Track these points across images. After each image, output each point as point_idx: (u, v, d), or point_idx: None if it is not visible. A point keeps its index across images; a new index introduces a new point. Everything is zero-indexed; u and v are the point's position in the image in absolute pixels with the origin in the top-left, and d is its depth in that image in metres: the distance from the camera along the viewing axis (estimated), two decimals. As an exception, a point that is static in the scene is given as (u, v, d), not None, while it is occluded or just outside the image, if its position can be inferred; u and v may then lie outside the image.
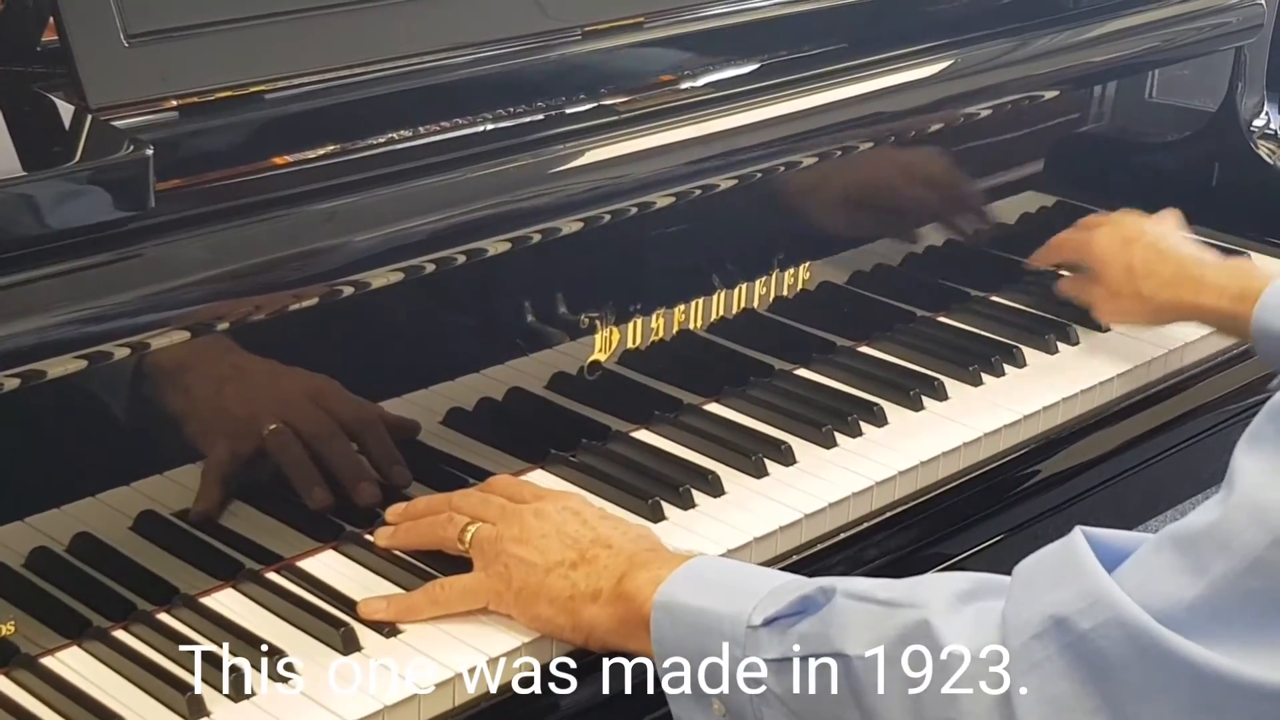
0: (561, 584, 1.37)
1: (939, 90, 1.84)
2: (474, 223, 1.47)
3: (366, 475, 1.50)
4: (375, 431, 1.51)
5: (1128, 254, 1.87)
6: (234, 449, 1.43)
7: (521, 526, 1.41)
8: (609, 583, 1.35)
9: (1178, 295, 1.83)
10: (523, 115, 1.55)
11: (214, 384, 1.41)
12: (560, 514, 1.43)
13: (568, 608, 1.36)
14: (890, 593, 1.21)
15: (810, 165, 1.72)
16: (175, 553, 1.41)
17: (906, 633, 1.17)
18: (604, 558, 1.38)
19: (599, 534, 1.41)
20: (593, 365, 1.65)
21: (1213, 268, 1.85)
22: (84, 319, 1.25)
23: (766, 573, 1.36)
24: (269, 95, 1.41)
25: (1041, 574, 1.13)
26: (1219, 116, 2.26)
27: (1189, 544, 1.07)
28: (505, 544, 1.40)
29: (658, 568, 1.34)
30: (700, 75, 1.69)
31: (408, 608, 1.40)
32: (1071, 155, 2.16)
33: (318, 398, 1.47)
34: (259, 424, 1.43)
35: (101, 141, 1.29)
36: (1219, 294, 1.81)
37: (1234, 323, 1.81)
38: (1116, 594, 1.07)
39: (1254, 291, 1.77)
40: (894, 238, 1.95)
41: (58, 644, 1.34)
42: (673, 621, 1.29)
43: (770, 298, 1.79)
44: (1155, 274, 1.85)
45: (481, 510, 1.45)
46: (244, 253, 1.33)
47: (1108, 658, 1.07)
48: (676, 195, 1.61)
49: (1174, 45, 2.13)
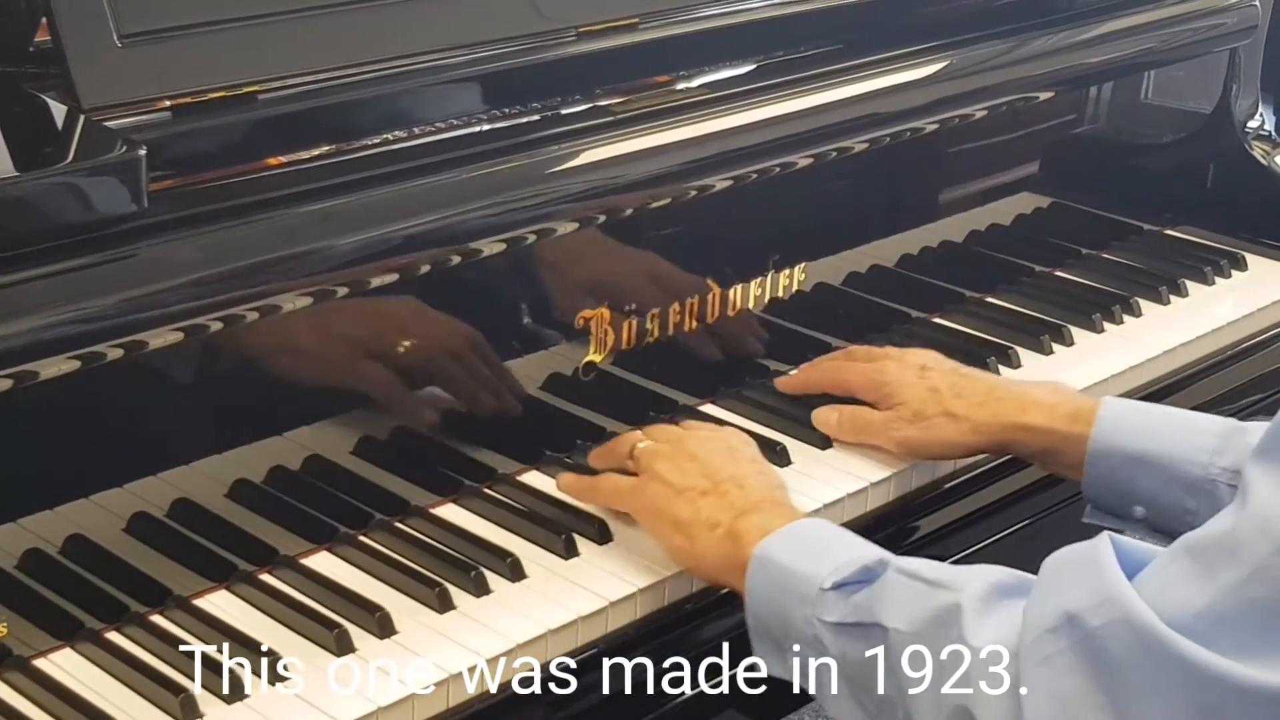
0: (687, 508, 1.45)
1: (935, 91, 1.84)
2: (469, 223, 1.46)
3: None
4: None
5: (927, 379, 1.66)
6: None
7: (677, 447, 1.52)
8: (728, 518, 1.42)
9: (998, 413, 1.61)
10: (518, 116, 1.55)
11: (207, 385, 1.41)
12: (713, 444, 1.53)
13: (687, 531, 1.44)
14: (936, 573, 1.27)
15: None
16: (168, 554, 1.40)
17: (939, 613, 1.23)
18: (733, 494, 1.45)
19: (738, 471, 1.48)
20: (588, 366, 1.64)
21: (1033, 387, 1.66)
22: (77, 320, 1.24)
23: (856, 543, 1.39)
24: (263, 96, 1.41)
25: (1062, 571, 1.17)
26: (1214, 118, 2.26)
27: (1201, 552, 1.10)
28: (656, 460, 1.50)
29: (772, 517, 1.40)
30: (695, 76, 1.69)
31: (579, 488, 1.55)
32: (1067, 156, 2.16)
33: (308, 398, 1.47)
34: (250, 427, 1.43)
35: (94, 142, 1.28)
36: (1049, 413, 1.59)
37: (1064, 443, 1.58)
38: (1128, 595, 1.10)
39: (1088, 411, 1.57)
40: (889, 239, 1.95)
41: (50, 646, 1.33)
42: (765, 575, 1.36)
43: (765, 299, 1.79)
44: (966, 393, 1.63)
45: (659, 431, 1.57)
46: (238, 253, 1.33)
47: (1114, 656, 1.10)
48: (672, 196, 1.61)
49: (1169, 46, 2.13)
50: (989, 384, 1.66)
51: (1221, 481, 1.49)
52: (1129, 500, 1.54)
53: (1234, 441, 1.51)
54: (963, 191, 2.05)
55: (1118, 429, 1.56)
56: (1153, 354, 1.92)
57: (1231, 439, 1.51)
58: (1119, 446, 1.55)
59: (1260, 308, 2.06)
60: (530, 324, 1.61)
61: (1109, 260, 2.16)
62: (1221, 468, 1.50)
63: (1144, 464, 1.53)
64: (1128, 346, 1.93)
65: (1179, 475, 1.52)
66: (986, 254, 2.06)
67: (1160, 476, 1.52)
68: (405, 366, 1.52)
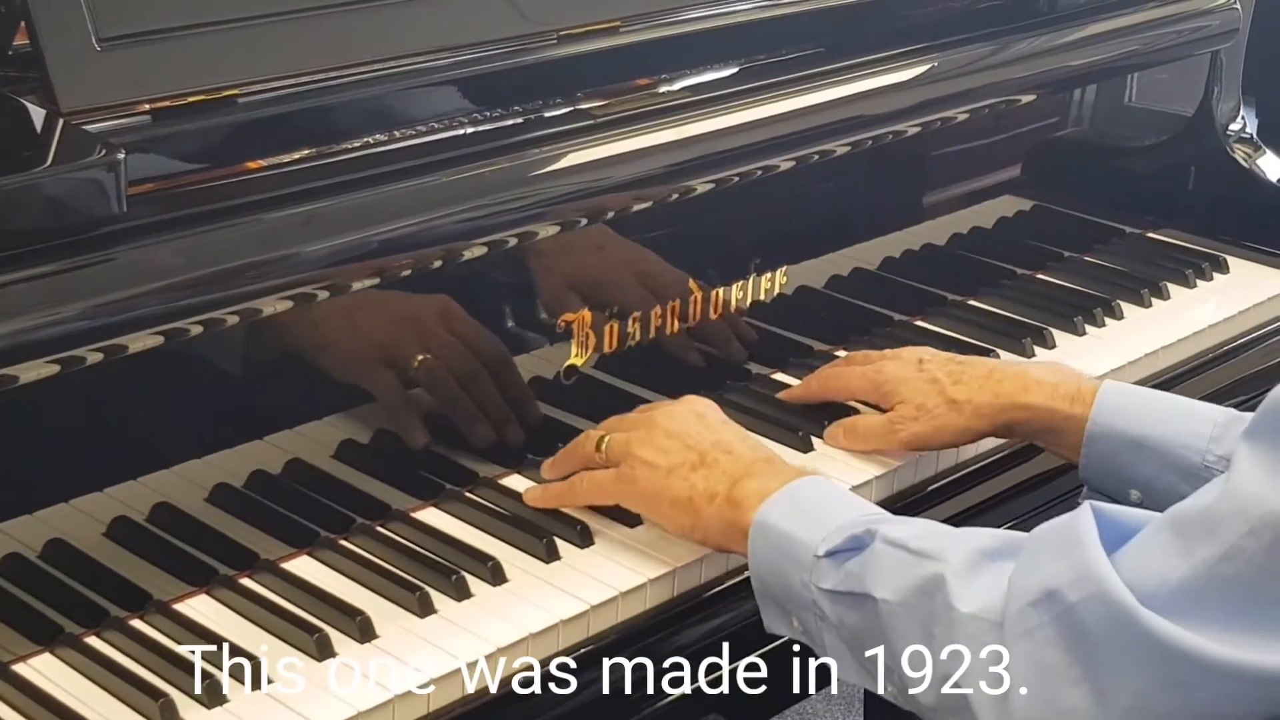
0: (682, 485, 1.46)
1: (918, 94, 1.84)
2: (450, 227, 1.46)
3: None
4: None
5: (925, 371, 1.65)
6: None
7: (649, 429, 1.51)
8: (724, 487, 1.44)
9: (999, 394, 1.61)
10: (500, 119, 1.55)
11: (186, 389, 1.41)
12: (684, 416, 1.52)
13: (688, 508, 1.45)
14: (921, 543, 1.29)
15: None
16: (149, 559, 1.40)
17: (925, 584, 1.25)
18: (723, 462, 1.46)
19: (720, 438, 1.49)
20: (569, 370, 1.64)
21: (1034, 366, 1.67)
22: (56, 323, 1.24)
23: (850, 502, 1.41)
24: (242, 99, 1.41)
25: (1047, 544, 1.20)
26: (1196, 121, 2.27)
27: (1183, 526, 1.14)
28: (633, 446, 1.50)
29: (767, 479, 1.42)
30: (678, 79, 1.69)
31: (554, 495, 1.54)
32: (1050, 159, 2.17)
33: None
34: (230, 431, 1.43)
35: (73, 145, 1.28)
36: (1050, 393, 1.60)
37: (1064, 423, 1.58)
38: (1105, 570, 1.14)
39: (1088, 393, 1.58)
40: (870, 242, 1.95)
41: (30, 650, 1.33)
42: (765, 541, 1.38)
43: (747, 302, 1.79)
44: (965, 378, 1.63)
45: (616, 423, 1.56)
46: (217, 257, 1.33)
47: (1090, 631, 1.14)
48: (654, 199, 1.61)
49: (1152, 49, 2.13)
50: (988, 367, 1.66)
51: (1217, 470, 1.49)
52: (1125, 484, 1.55)
53: (1232, 430, 1.51)
54: (945, 194, 2.05)
55: (1116, 412, 1.56)
56: (1134, 356, 1.92)
57: (1230, 428, 1.52)
58: (1117, 430, 1.55)
59: (1242, 310, 2.06)
60: (512, 327, 1.61)
61: (1091, 263, 2.17)
62: (1218, 455, 1.51)
63: (1141, 448, 1.54)
64: (1109, 349, 1.94)
65: (1175, 461, 1.53)
66: (969, 257, 2.07)
67: (1157, 461, 1.53)
68: (386, 370, 1.51)
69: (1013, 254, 2.10)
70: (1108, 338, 1.97)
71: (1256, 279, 2.15)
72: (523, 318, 1.61)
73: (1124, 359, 1.91)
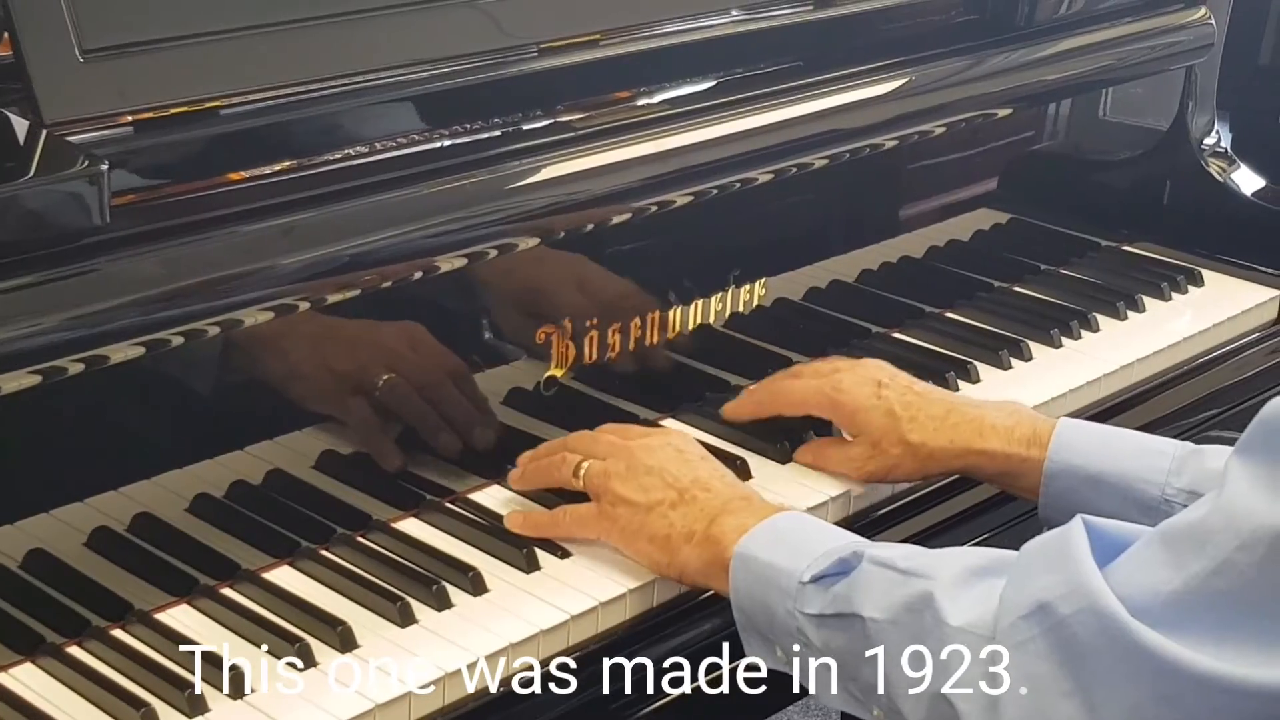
0: (660, 523, 1.46)
1: (894, 108, 1.86)
2: (430, 239, 1.47)
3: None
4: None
5: (883, 399, 1.62)
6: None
7: (628, 464, 1.50)
8: (702, 525, 1.44)
9: (955, 439, 1.59)
10: (479, 131, 1.56)
11: (167, 400, 1.41)
12: (664, 450, 1.52)
13: (666, 546, 1.45)
14: (909, 562, 1.30)
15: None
16: (130, 569, 1.40)
17: (913, 601, 1.26)
18: (701, 499, 1.47)
19: (699, 475, 1.49)
20: (549, 381, 1.65)
21: (989, 409, 1.63)
22: (38, 334, 1.24)
23: (831, 532, 1.42)
24: (224, 111, 1.41)
25: (1038, 558, 1.21)
26: (1170, 135, 2.28)
27: (1175, 540, 1.14)
28: (612, 481, 1.49)
29: (746, 516, 1.42)
30: (656, 92, 1.70)
31: (538, 524, 1.52)
32: (1026, 173, 2.18)
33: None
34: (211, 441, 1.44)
35: (56, 156, 1.28)
36: (1006, 437, 1.58)
37: (1021, 466, 1.58)
38: (1096, 584, 1.14)
39: (1044, 434, 1.57)
40: (848, 255, 1.96)
41: (11, 661, 1.33)
42: (746, 572, 1.38)
43: (726, 314, 1.80)
44: (923, 418, 1.61)
45: (591, 447, 1.54)
46: (199, 268, 1.33)
47: (1082, 644, 1.14)
48: (632, 211, 1.62)
49: (1127, 64, 2.15)
50: (945, 406, 1.63)
51: (1177, 503, 1.49)
52: None
53: (1189, 463, 1.52)
54: (922, 207, 2.06)
55: (1074, 450, 1.56)
56: (1110, 369, 1.93)
57: (1187, 461, 1.52)
58: (1075, 467, 1.55)
59: (1216, 323, 2.07)
60: (491, 339, 1.62)
61: (1067, 276, 2.18)
62: (1177, 488, 1.51)
63: (1100, 485, 1.54)
64: (1085, 362, 1.95)
65: (1135, 496, 1.52)
66: (946, 269, 2.08)
67: (1116, 498, 1.52)
68: (367, 381, 1.52)
69: (989, 267, 2.11)
70: (1084, 350, 1.98)
71: (1231, 292, 2.16)
72: (501, 329, 1.61)
73: (1100, 371, 1.92)
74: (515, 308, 1.62)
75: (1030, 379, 1.90)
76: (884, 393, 1.63)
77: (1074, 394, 1.88)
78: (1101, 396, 1.91)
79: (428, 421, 1.56)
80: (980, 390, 1.86)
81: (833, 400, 1.65)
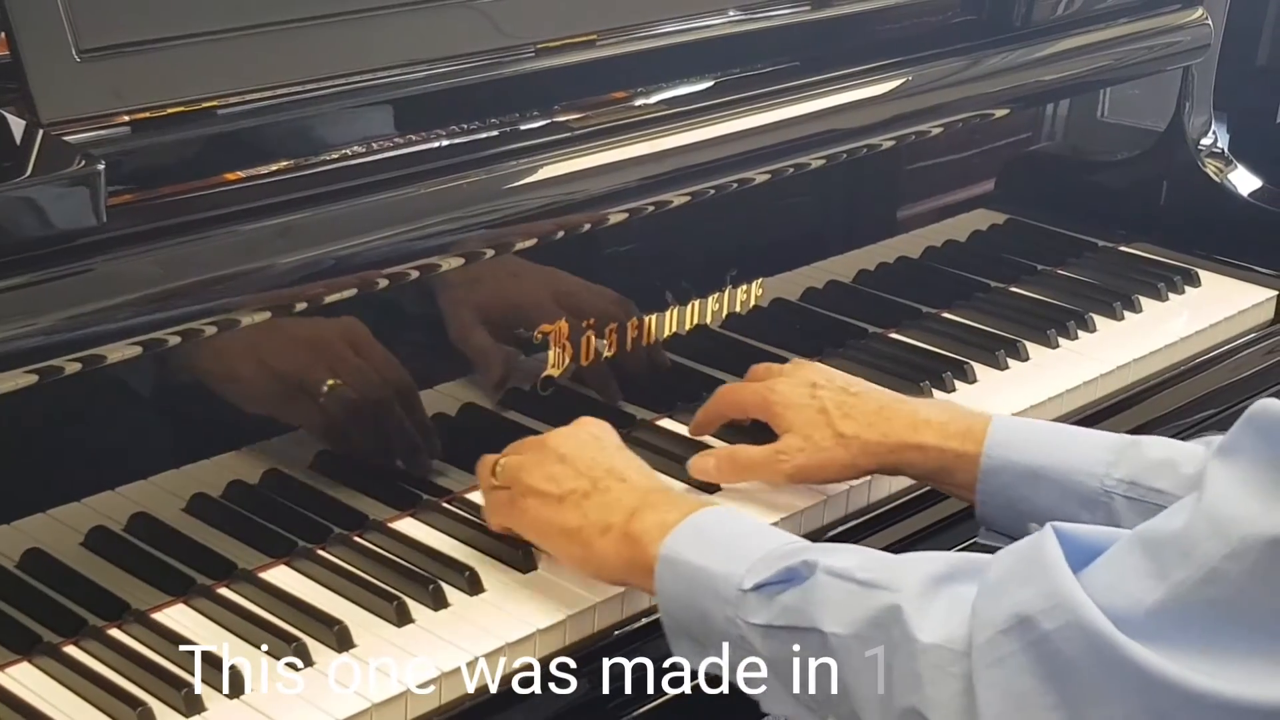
0: (573, 514, 1.42)
1: (891, 108, 1.86)
2: (427, 239, 1.47)
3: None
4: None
5: (816, 398, 1.60)
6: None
7: (541, 453, 1.46)
8: (619, 518, 1.39)
9: (889, 433, 1.57)
10: (476, 131, 1.56)
11: (165, 399, 1.41)
12: (578, 438, 1.48)
13: (579, 538, 1.41)
14: (868, 573, 1.25)
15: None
16: (127, 568, 1.40)
17: (878, 615, 1.21)
18: (616, 490, 1.42)
19: (614, 464, 1.45)
20: (546, 381, 1.65)
21: (922, 405, 1.61)
22: (35, 334, 1.24)
23: (765, 532, 1.38)
24: (221, 110, 1.41)
25: (1012, 569, 1.17)
26: (1167, 135, 2.28)
27: (1156, 547, 1.11)
28: (523, 473, 1.45)
29: (666, 511, 1.38)
30: (653, 92, 1.70)
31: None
32: (1023, 173, 2.18)
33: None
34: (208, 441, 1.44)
35: (53, 156, 1.28)
36: (940, 431, 1.55)
37: (956, 461, 1.54)
38: (1079, 597, 1.11)
39: (979, 430, 1.53)
40: (845, 255, 1.96)
41: (8, 660, 1.33)
42: (675, 576, 1.34)
43: (724, 314, 1.80)
44: (855, 413, 1.58)
45: (514, 446, 1.51)
46: (196, 268, 1.33)
47: (1067, 659, 1.10)
48: (630, 211, 1.62)
49: (1124, 65, 2.15)
50: (879, 403, 1.60)
51: (1117, 494, 1.47)
52: (1023, 518, 1.47)
53: (1128, 455, 1.48)
54: (919, 208, 2.06)
55: (1010, 445, 1.52)
56: (1107, 369, 1.93)
57: (1125, 452, 1.49)
58: (1012, 462, 1.51)
59: (1213, 323, 2.08)
60: (489, 339, 1.62)
61: (1064, 276, 2.18)
62: (1117, 479, 1.47)
63: (1038, 479, 1.50)
64: (1082, 362, 1.95)
65: (1074, 489, 1.49)
66: (943, 270, 2.08)
67: (1055, 491, 1.49)
68: (363, 380, 1.52)
69: (986, 267, 2.12)
70: (1081, 350, 1.98)
71: (1228, 292, 2.16)
72: (499, 329, 1.61)
73: (1096, 371, 1.92)
74: (512, 308, 1.62)
75: (1027, 379, 1.90)
76: (818, 392, 1.61)
77: (1070, 394, 1.88)
78: (1098, 397, 1.91)
79: (414, 425, 1.56)
80: (978, 390, 1.86)
81: (766, 400, 1.63)
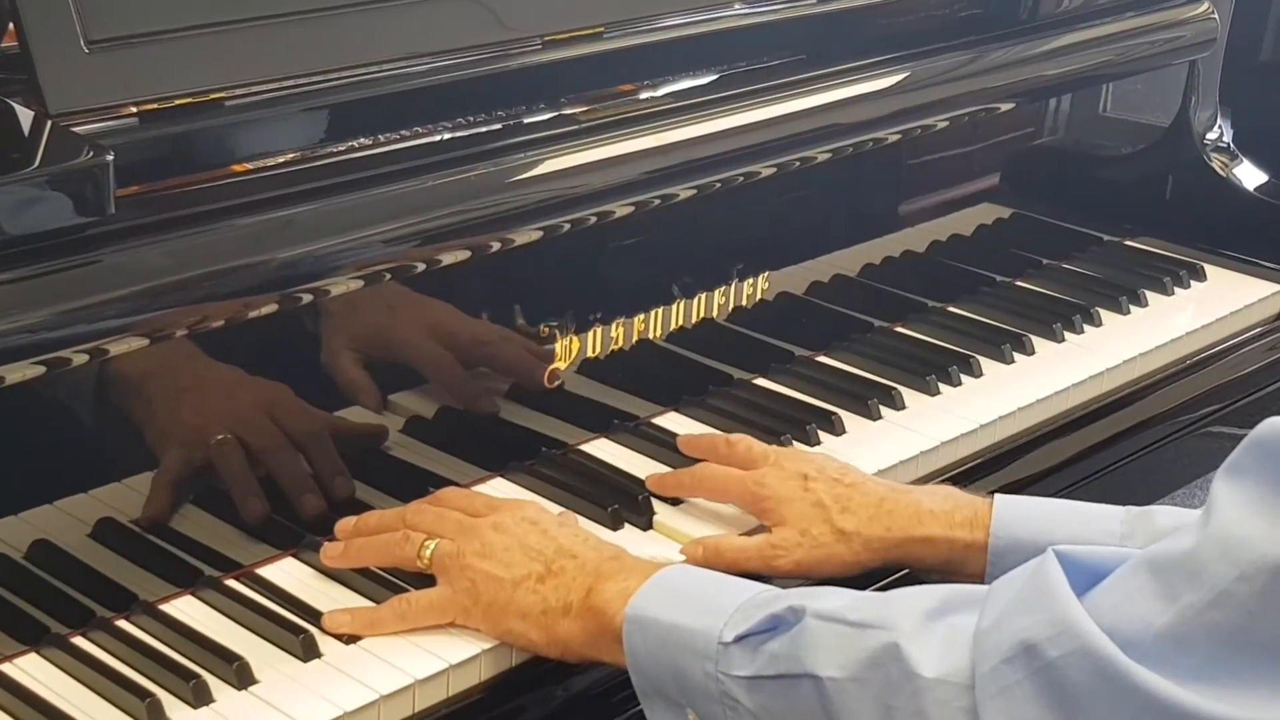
0: (531, 598, 1.36)
1: (896, 102, 1.85)
2: (433, 231, 1.47)
3: (312, 486, 1.50)
4: (324, 442, 1.50)
5: (810, 490, 1.51)
6: (187, 457, 1.43)
7: (482, 541, 1.40)
8: (578, 596, 1.35)
9: (892, 528, 1.49)
10: (482, 124, 1.56)
11: (174, 392, 1.41)
12: (519, 525, 1.42)
13: (540, 622, 1.35)
14: (859, 614, 1.21)
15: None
16: (134, 560, 1.40)
17: (876, 655, 1.18)
18: (570, 569, 1.37)
19: (561, 544, 1.40)
20: (552, 374, 1.65)
21: (924, 495, 1.52)
22: (43, 325, 1.24)
23: (735, 584, 1.34)
24: (229, 102, 1.41)
25: (1014, 596, 1.14)
26: (1173, 130, 2.29)
27: (1163, 570, 1.08)
28: (468, 559, 1.39)
29: (624, 578, 1.34)
30: (660, 85, 1.70)
31: (372, 621, 1.38)
32: (1028, 168, 2.18)
33: (273, 407, 1.47)
34: (212, 432, 1.44)
35: (61, 147, 1.28)
36: (946, 522, 1.48)
37: (966, 552, 1.48)
38: (1085, 623, 1.08)
39: (983, 515, 1.47)
40: (851, 249, 1.96)
41: (16, 651, 1.33)
42: (645, 636, 1.29)
43: (729, 308, 1.80)
44: (854, 507, 1.50)
45: (438, 526, 1.43)
46: (204, 259, 1.33)
47: (1074, 686, 1.08)
48: (636, 205, 1.62)
49: (1128, 59, 2.15)
50: (878, 495, 1.51)
51: None
52: None
53: (1139, 524, 1.44)
54: (924, 202, 2.06)
55: (1018, 525, 1.47)
56: (1113, 363, 1.94)
57: (1136, 522, 1.45)
58: (1022, 541, 1.44)
59: (1219, 318, 2.08)
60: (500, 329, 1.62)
61: (1069, 270, 2.18)
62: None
63: None
64: (1088, 356, 1.95)
65: None
66: (948, 264, 2.08)
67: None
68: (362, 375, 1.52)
69: (992, 261, 2.12)
70: (1087, 344, 1.98)
71: (1234, 287, 2.16)
72: (505, 322, 1.61)
73: (1102, 366, 1.92)
74: (519, 301, 1.62)
75: (1033, 373, 1.91)
76: (810, 484, 1.52)
77: (1076, 389, 1.89)
78: (1104, 391, 1.92)
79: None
80: (983, 384, 1.86)
81: (754, 494, 1.54)
